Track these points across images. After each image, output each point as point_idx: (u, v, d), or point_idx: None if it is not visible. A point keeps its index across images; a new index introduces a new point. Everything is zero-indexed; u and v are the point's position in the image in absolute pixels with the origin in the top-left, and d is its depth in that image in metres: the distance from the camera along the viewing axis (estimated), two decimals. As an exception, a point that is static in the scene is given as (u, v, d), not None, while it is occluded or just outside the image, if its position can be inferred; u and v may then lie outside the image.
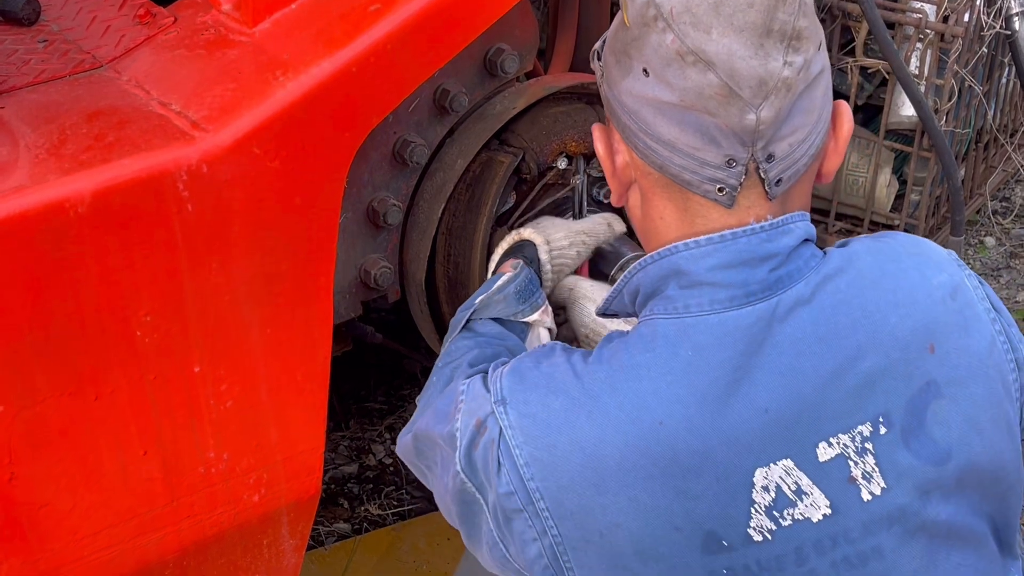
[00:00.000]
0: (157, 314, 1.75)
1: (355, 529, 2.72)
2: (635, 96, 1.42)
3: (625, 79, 1.43)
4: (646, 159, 1.44)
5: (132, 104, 1.82)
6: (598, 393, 1.43)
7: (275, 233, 1.81)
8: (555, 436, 1.43)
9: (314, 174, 1.82)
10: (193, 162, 1.71)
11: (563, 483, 1.42)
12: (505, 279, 1.94)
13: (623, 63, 1.44)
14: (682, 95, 1.38)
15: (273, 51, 1.85)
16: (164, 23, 2.00)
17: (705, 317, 1.41)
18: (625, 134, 1.46)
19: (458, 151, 2.25)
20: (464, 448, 1.51)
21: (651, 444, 1.39)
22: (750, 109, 1.36)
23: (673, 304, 1.43)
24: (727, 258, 1.41)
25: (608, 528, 1.42)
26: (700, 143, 1.39)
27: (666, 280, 1.45)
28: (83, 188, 1.65)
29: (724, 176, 1.40)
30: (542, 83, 2.35)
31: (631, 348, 1.45)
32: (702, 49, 1.36)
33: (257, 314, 1.84)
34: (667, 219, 1.47)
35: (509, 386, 1.49)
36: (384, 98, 1.86)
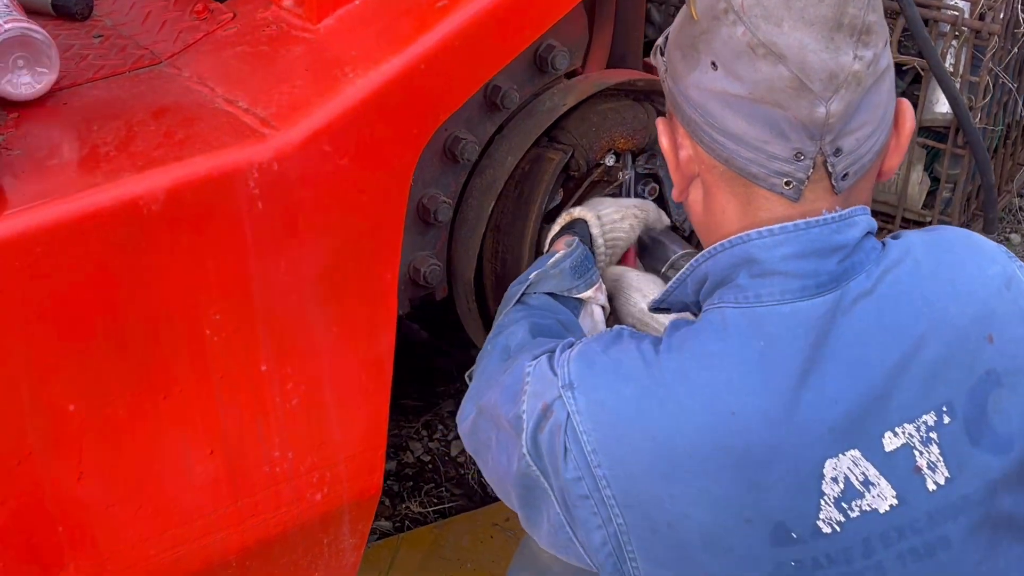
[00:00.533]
0: (226, 313, 1.73)
1: (396, 527, 2.71)
2: (702, 89, 1.42)
3: (692, 73, 1.43)
4: (712, 152, 1.44)
5: (197, 101, 1.81)
6: (669, 382, 1.42)
7: (343, 231, 1.80)
8: (625, 424, 1.43)
9: (382, 172, 1.81)
10: (265, 160, 1.69)
11: (632, 472, 1.42)
12: (561, 254, 1.95)
13: (690, 57, 1.44)
14: (752, 88, 1.38)
15: (339, 48, 1.83)
16: (223, 19, 1.98)
17: (777, 307, 1.41)
18: (690, 128, 1.46)
19: (508, 148, 2.24)
20: (530, 431, 1.49)
21: (724, 435, 1.39)
22: (820, 102, 1.36)
23: (744, 293, 1.43)
24: (800, 248, 1.41)
25: (677, 519, 1.41)
26: (768, 136, 1.39)
27: (736, 268, 1.44)
28: (157, 186, 1.63)
29: (792, 169, 1.40)
30: (591, 80, 2.34)
31: (702, 336, 1.44)
32: (773, 42, 1.36)
33: (323, 312, 1.82)
34: (729, 213, 1.47)
35: (577, 371, 1.48)
36: (451, 95, 1.85)
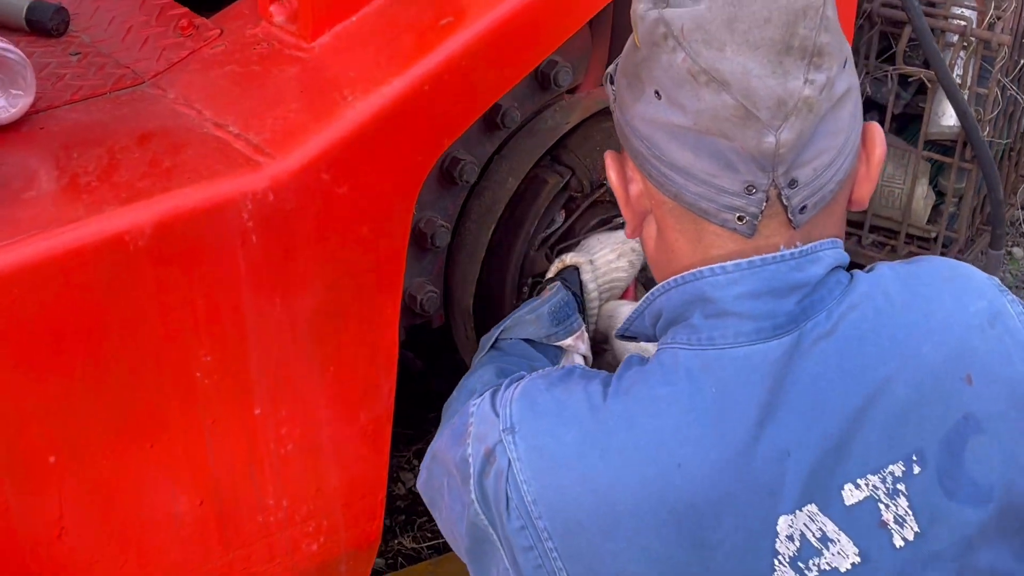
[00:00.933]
0: (218, 354, 1.61)
1: (389, 564, 2.59)
2: (647, 120, 1.34)
3: (637, 103, 1.35)
4: (661, 187, 1.36)
5: (184, 125, 1.69)
6: (614, 428, 1.34)
7: (341, 264, 1.68)
8: (565, 474, 1.34)
9: (383, 200, 1.69)
10: (259, 190, 1.58)
11: (571, 525, 1.33)
12: (539, 299, 1.84)
13: (634, 86, 1.36)
14: (696, 118, 1.29)
15: (337, 68, 1.71)
16: (209, 35, 1.86)
17: (730, 350, 1.32)
18: (638, 161, 1.38)
19: (509, 168, 2.13)
20: (476, 477, 1.41)
21: (668, 488, 1.30)
22: (769, 131, 1.27)
23: (697, 334, 1.34)
24: (755, 286, 1.32)
25: (620, 575, 1.32)
26: (716, 169, 1.30)
27: (690, 307, 1.35)
28: (143, 219, 1.51)
29: (743, 204, 1.31)
30: (594, 96, 2.23)
31: (651, 379, 1.35)
32: (716, 68, 1.27)
33: (320, 351, 1.71)
34: (680, 248, 1.38)
35: (519, 412, 1.40)
36: (456, 118, 1.74)
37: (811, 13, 1.28)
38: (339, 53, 1.74)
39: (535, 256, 2.18)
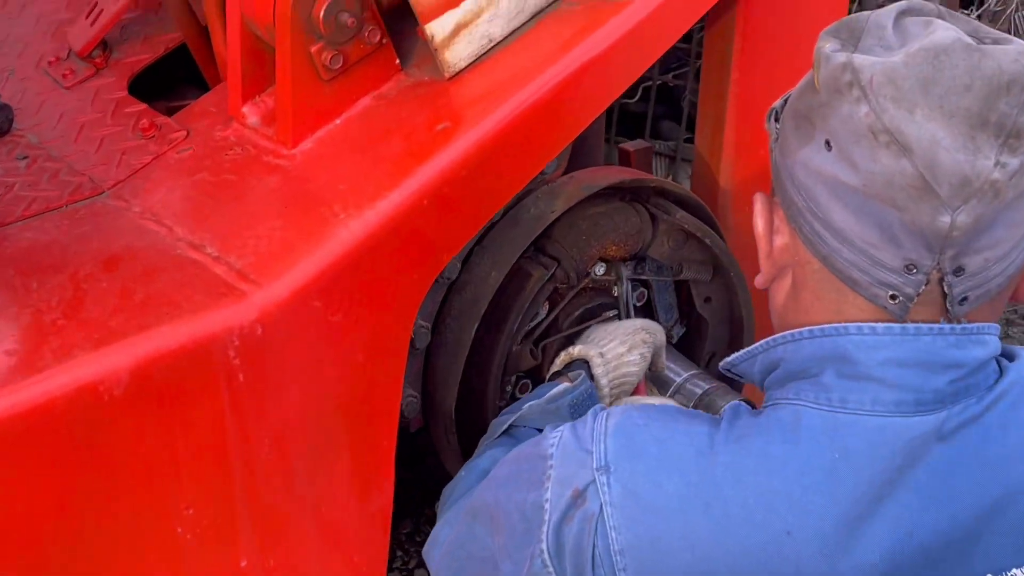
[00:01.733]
0: (200, 505, 1.45)
1: None
2: (810, 170, 1.21)
3: (803, 149, 1.22)
4: (809, 245, 1.24)
5: (154, 245, 1.52)
6: (720, 481, 1.22)
7: (334, 398, 1.53)
8: (662, 526, 1.22)
9: (380, 325, 1.54)
10: (246, 324, 1.42)
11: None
12: (561, 388, 1.72)
13: (803, 130, 1.22)
14: (866, 180, 1.16)
15: (323, 179, 1.56)
16: (174, 138, 1.69)
17: (863, 418, 1.21)
18: (791, 212, 1.25)
19: (491, 262, 1.97)
20: (555, 523, 1.27)
21: (773, 558, 1.20)
22: (945, 210, 1.14)
23: (828, 394, 1.22)
24: (905, 355, 1.20)
25: None
26: (878, 239, 1.18)
27: (822, 363, 1.23)
28: (119, 365, 1.35)
29: (900, 282, 1.19)
30: (579, 182, 2.09)
31: (767, 434, 1.24)
32: (900, 130, 1.14)
33: (311, 493, 1.55)
34: (813, 314, 1.26)
35: (615, 449, 1.27)
36: (458, 232, 1.59)
37: (1015, 89, 1.15)
38: (324, 161, 1.58)
39: (519, 351, 2.04)
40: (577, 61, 1.61)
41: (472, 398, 2.02)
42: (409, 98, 1.62)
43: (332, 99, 1.60)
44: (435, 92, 1.61)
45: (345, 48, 1.58)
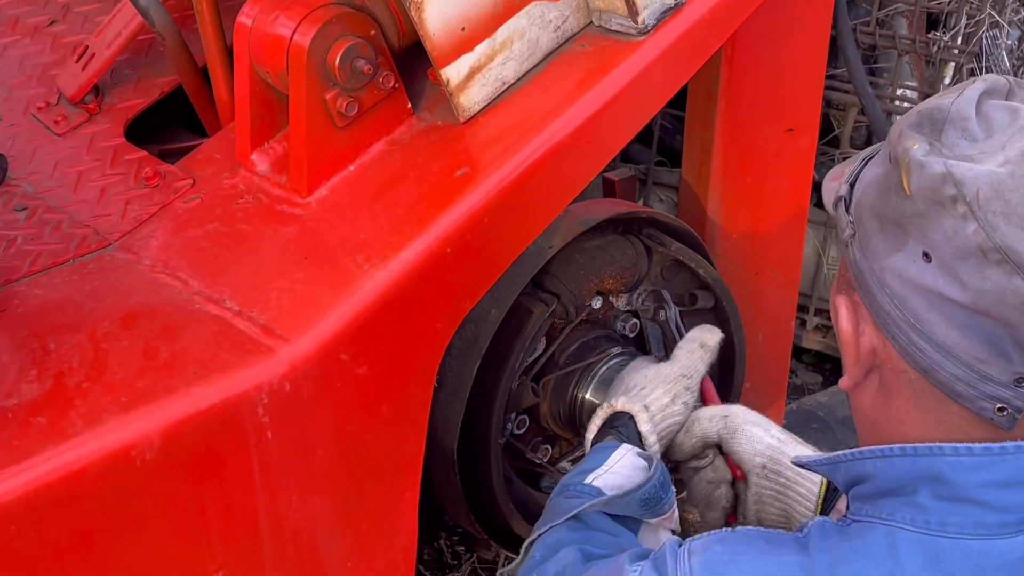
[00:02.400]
0: (231, 566, 1.42)
1: None
2: (906, 281, 1.16)
3: (893, 256, 1.17)
4: (907, 357, 1.19)
5: (171, 300, 1.49)
6: None
7: (361, 451, 1.50)
8: None
9: (405, 377, 1.52)
10: (275, 381, 1.39)
11: None
12: (633, 487, 1.62)
13: (893, 236, 1.18)
14: (975, 297, 1.12)
15: (342, 228, 1.53)
16: (180, 187, 1.66)
17: (965, 542, 1.17)
18: (881, 319, 1.20)
19: (491, 299, 1.95)
20: None
21: None
22: None
23: (925, 516, 1.19)
24: (1006, 475, 1.17)
25: None
26: (987, 355, 1.14)
27: (916, 483, 1.20)
28: (149, 428, 1.32)
29: (1009, 396, 1.15)
30: (575, 215, 2.08)
31: (864, 559, 1.20)
32: (1012, 248, 1.10)
33: (339, 547, 1.52)
34: (909, 423, 1.22)
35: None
36: (482, 277, 1.57)
37: None
38: (341, 210, 1.55)
39: (519, 388, 2.02)
40: (595, 103, 1.59)
41: (474, 437, 2.00)
42: (423, 143, 1.60)
43: (346, 146, 1.58)
44: (450, 137, 1.59)
45: (360, 94, 1.56)
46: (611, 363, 2.11)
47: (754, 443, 1.72)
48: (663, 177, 3.06)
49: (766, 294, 2.43)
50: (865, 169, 1.26)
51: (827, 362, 3.52)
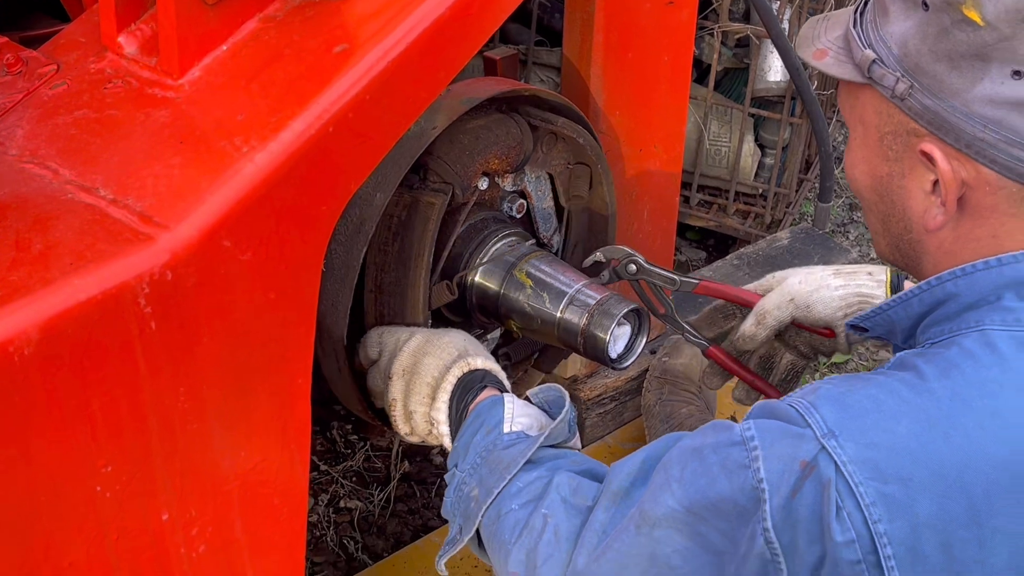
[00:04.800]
0: (118, 461, 1.38)
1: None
2: (999, 103, 1.27)
3: (976, 86, 1.28)
4: (1008, 173, 1.29)
5: (42, 191, 1.43)
6: (950, 411, 1.26)
7: (248, 338, 1.47)
8: (909, 466, 1.24)
9: (290, 260, 1.48)
10: (156, 270, 1.34)
11: (919, 521, 1.24)
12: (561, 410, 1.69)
13: (972, 68, 1.28)
14: None
15: (218, 110, 1.48)
16: (44, 72, 1.58)
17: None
18: (975, 148, 1.30)
19: (375, 182, 1.92)
20: (782, 498, 1.27)
21: (1021, 466, 1.24)
22: None
23: (1015, 315, 1.30)
24: None
25: (965, 568, 1.24)
26: None
27: (999, 291, 1.31)
28: (27, 322, 1.26)
29: None
30: (457, 94, 2.04)
31: (972, 361, 1.28)
32: None
33: (229, 437, 1.49)
34: (1002, 236, 1.33)
35: (833, 416, 1.28)
36: (365, 157, 1.53)
37: None
38: (215, 91, 1.50)
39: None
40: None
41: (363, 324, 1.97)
42: (299, 19, 1.54)
43: (218, 24, 1.51)
44: (327, 12, 1.54)
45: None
46: (499, 244, 2.10)
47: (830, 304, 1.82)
48: (543, 57, 3.02)
49: (650, 171, 2.42)
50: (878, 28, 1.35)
51: (710, 238, 3.54)
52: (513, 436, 1.64)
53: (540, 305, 2.01)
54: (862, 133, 1.41)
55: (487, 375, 1.79)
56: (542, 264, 2.07)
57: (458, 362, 1.78)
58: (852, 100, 1.42)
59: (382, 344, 1.89)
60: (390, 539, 2.52)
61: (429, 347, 1.82)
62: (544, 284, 2.03)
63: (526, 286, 2.03)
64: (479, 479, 1.62)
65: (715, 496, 1.33)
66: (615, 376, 2.63)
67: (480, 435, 1.66)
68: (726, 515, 1.33)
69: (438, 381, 1.78)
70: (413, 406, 1.81)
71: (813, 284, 1.85)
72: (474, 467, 1.64)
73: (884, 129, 1.37)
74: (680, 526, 1.36)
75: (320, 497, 2.59)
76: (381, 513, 2.56)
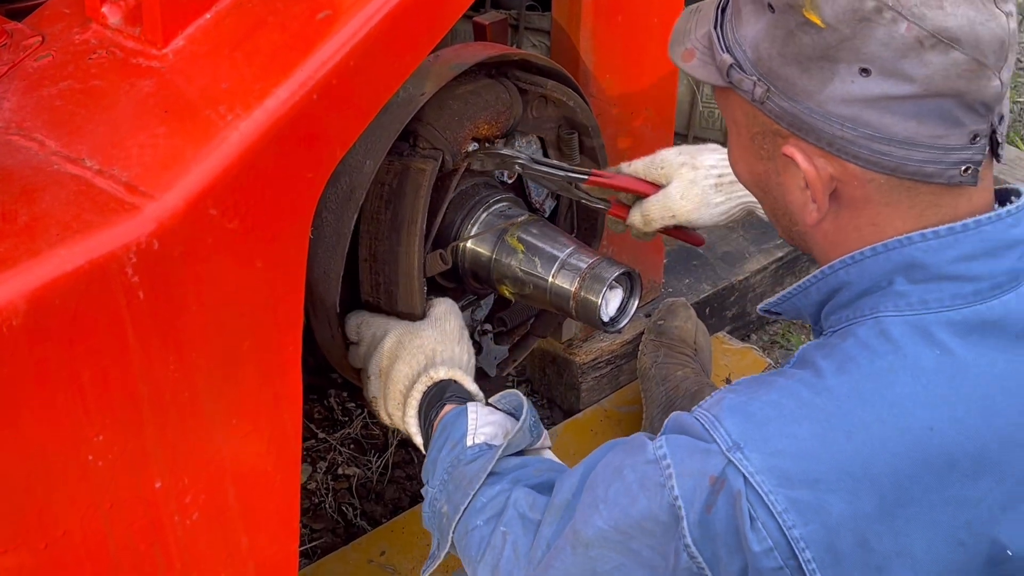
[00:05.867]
0: (109, 431, 1.39)
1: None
2: (849, 101, 1.26)
3: (827, 86, 1.27)
4: (873, 166, 1.29)
5: (28, 162, 1.43)
6: (848, 408, 1.27)
7: (236, 307, 1.47)
8: (815, 468, 1.26)
9: (277, 228, 1.48)
10: (143, 239, 1.35)
11: (832, 521, 1.25)
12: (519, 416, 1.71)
13: (819, 70, 1.27)
14: (926, 84, 1.24)
15: (202, 79, 1.48)
16: (29, 44, 1.58)
17: (946, 313, 1.30)
18: (836, 146, 1.29)
19: (365, 150, 1.92)
20: (697, 514, 1.29)
21: (926, 453, 1.26)
22: (994, 75, 1.25)
23: (906, 300, 1.31)
24: (971, 248, 1.30)
25: (886, 560, 1.26)
26: (943, 129, 1.26)
27: (890, 276, 1.32)
28: (14, 293, 1.27)
29: (970, 155, 1.28)
30: (445, 60, 2.04)
31: (867, 354, 1.30)
32: (943, 28, 1.22)
33: (220, 405, 1.50)
34: (881, 223, 1.33)
35: (737, 427, 1.29)
36: (349, 124, 1.53)
37: None
38: (199, 60, 1.50)
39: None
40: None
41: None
42: (282, -14, 1.54)
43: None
44: (310, -22, 1.53)
45: (212, -64, 1.49)
46: (491, 210, 2.10)
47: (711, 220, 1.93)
48: (535, 21, 3.01)
49: (642, 134, 2.42)
50: (734, 30, 1.34)
51: (705, 201, 3.54)
52: (476, 450, 1.66)
53: (532, 270, 2.01)
54: (736, 132, 1.41)
55: (451, 385, 1.82)
56: (534, 229, 2.07)
57: (422, 375, 1.82)
58: (723, 100, 1.42)
59: (360, 335, 1.92)
60: (388, 505, 2.53)
61: (401, 350, 1.85)
62: (536, 249, 2.03)
63: (518, 251, 2.03)
64: (447, 495, 1.66)
65: (638, 515, 1.34)
66: (610, 340, 2.64)
67: (446, 450, 1.69)
68: (651, 532, 1.34)
69: (408, 391, 1.82)
70: (390, 409, 1.86)
71: (694, 201, 1.91)
72: (443, 483, 1.67)
73: (753, 130, 1.37)
74: (613, 544, 1.38)
75: (318, 465, 2.60)
76: (379, 479, 2.56)
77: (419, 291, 1.92)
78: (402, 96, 1.95)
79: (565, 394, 2.68)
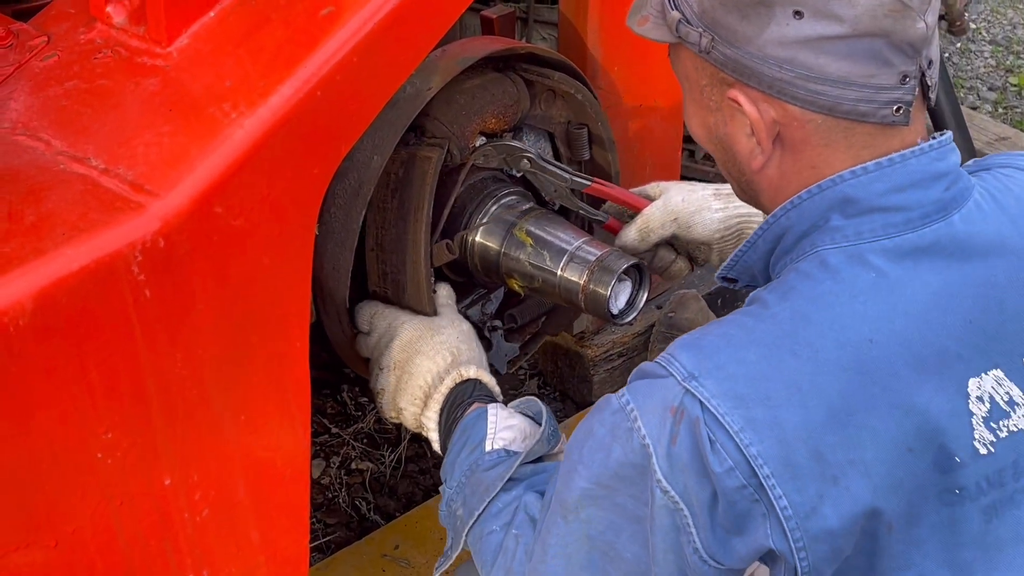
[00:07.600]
0: (118, 428, 1.40)
1: (272, 573, 2.38)
2: (786, 44, 1.32)
3: (764, 31, 1.33)
4: (810, 106, 1.35)
5: (34, 162, 1.44)
6: (792, 329, 1.33)
7: (243, 303, 1.48)
8: (765, 386, 1.30)
9: (283, 225, 1.49)
10: (148, 237, 1.35)
11: (786, 435, 1.29)
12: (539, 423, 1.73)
13: (756, 16, 1.33)
14: (854, 24, 1.30)
15: (207, 77, 1.48)
16: (35, 45, 1.59)
17: (880, 242, 1.36)
18: (775, 88, 1.35)
19: (372, 145, 1.92)
20: (664, 449, 1.32)
21: (868, 364, 1.31)
22: (919, 17, 1.32)
23: (842, 233, 1.37)
24: (899, 181, 1.36)
25: (840, 470, 1.29)
26: (874, 69, 1.32)
27: (826, 214, 1.38)
28: (21, 293, 1.28)
29: (901, 95, 1.34)
30: (452, 54, 2.04)
31: (807, 282, 1.36)
32: None
33: (229, 401, 1.50)
34: (820, 165, 1.39)
35: (691, 360, 1.34)
36: (354, 121, 1.53)
37: None
38: (204, 58, 1.50)
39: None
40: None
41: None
42: (285, -17, 1.54)
43: (205, -10, 1.52)
44: (313, -25, 1.54)
45: (214, -65, 1.50)
46: (500, 203, 2.10)
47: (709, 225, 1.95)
48: (544, 14, 3.01)
49: (651, 125, 2.42)
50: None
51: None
52: (494, 456, 1.67)
53: (541, 263, 2.01)
54: (687, 88, 1.47)
55: (477, 385, 1.82)
56: (543, 222, 2.06)
57: (451, 372, 1.82)
58: (675, 59, 1.47)
59: (372, 325, 1.91)
60: (401, 499, 2.53)
61: (422, 345, 1.84)
62: (545, 242, 2.03)
63: (527, 245, 2.03)
64: (463, 499, 1.67)
65: (615, 464, 1.37)
66: (622, 332, 2.64)
67: (464, 453, 1.70)
68: (631, 480, 1.36)
69: (431, 387, 1.82)
70: (403, 404, 1.84)
71: (695, 204, 1.95)
72: (460, 486, 1.68)
73: (702, 82, 1.42)
74: (598, 501, 1.40)
75: (332, 459, 2.61)
76: (392, 474, 2.57)
77: (426, 280, 1.92)
78: (409, 91, 1.95)
79: (577, 387, 2.69)
